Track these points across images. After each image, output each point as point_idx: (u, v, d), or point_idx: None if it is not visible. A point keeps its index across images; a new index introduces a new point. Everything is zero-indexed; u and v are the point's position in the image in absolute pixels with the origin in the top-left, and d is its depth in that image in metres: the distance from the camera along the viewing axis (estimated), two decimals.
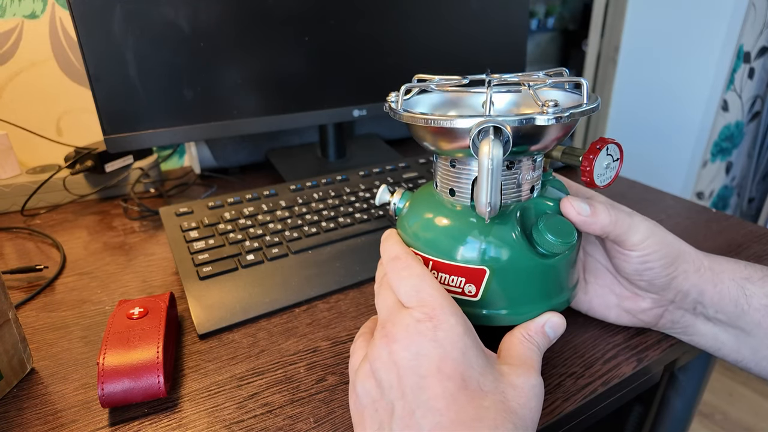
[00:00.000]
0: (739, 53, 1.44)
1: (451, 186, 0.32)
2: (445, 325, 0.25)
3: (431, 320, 0.25)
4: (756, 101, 1.61)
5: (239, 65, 0.56)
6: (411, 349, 0.25)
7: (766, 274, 0.33)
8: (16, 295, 0.45)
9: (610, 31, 1.60)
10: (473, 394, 0.23)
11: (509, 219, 0.30)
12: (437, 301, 0.26)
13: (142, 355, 0.32)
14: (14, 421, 0.32)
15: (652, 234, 0.31)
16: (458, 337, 0.25)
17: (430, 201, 0.33)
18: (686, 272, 0.32)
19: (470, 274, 0.30)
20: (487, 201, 0.26)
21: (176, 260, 0.45)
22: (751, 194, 1.74)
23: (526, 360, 0.27)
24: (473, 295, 0.31)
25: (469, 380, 0.24)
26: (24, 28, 0.65)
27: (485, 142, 0.26)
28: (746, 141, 1.68)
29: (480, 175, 0.26)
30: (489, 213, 0.27)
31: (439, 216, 0.31)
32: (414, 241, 0.32)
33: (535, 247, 0.30)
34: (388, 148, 0.76)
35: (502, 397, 0.24)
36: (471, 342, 0.25)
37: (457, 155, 0.30)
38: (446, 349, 0.24)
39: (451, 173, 0.31)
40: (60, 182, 0.63)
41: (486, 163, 0.25)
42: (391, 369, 0.25)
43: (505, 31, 0.71)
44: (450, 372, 0.24)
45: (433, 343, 0.25)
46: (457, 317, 0.26)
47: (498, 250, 0.30)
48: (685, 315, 0.34)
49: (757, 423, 1.29)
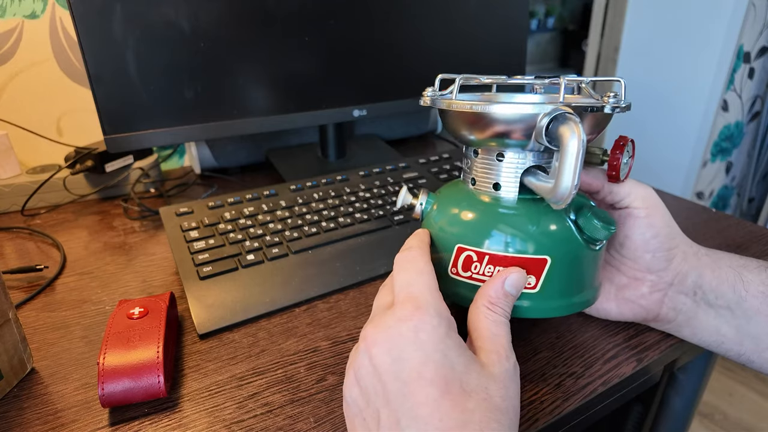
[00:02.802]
0: (739, 53, 1.44)
1: (495, 180, 0.32)
2: (428, 326, 0.25)
3: (412, 320, 0.25)
4: (756, 101, 1.61)
5: (239, 65, 0.56)
6: (392, 353, 0.24)
7: (761, 265, 0.33)
8: (16, 295, 0.45)
9: (610, 31, 1.60)
10: (456, 397, 0.23)
11: (554, 212, 0.31)
12: (424, 297, 0.26)
13: (142, 355, 0.32)
14: (14, 421, 0.32)
15: (655, 197, 0.34)
16: (440, 339, 0.24)
17: (469, 198, 0.33)
18: (685, 253, 0.34)
19: (531, 264, 0.30)
20: (573, 185, 0.26)
21: (176, 260, 0.45)
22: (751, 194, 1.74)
23: (496, 340, 0.27)
24: (532, 287, 0.30)
25: (451, 383, 0.23)
26: (24, 28, 0.65)
27: (570, 126, 0.26)
28: (746, 141, 1.68)
29: (566, 159, 0.26)
30: (569, 198, 0.26)
31: (489, 211, 0.31)
32: (461, 239, 0.31)
33: (582, 235, 0.31)
34: (388, 148, 0.76)
35: (485, 395, 0.24)
36: (453, 342, 0.25)
37: (508, 147, 0.30)
38: (427, 351, 0.24)
39: (497, 167, 0.31)
40: (60, 182, 0.63)
41: (576, 145, 0.25)
42: (373, 375, 0.25)
43: (505, 31, 0.71)
44: (431, 376, 0.23)
45: (414, 345, 0.24)
46: (441, 317, 0.25)
47: (558, 239, 0.30)
48: (687, 302, 0.34)
49: (757, 423, 1.29)
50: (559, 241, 0.30)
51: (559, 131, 0.26)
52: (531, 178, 0.30)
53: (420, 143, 0.86)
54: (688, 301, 0.34)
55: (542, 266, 0.30)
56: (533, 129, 0.28)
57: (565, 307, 0.31)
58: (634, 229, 0.34)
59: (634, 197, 0.34)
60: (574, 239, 0.31)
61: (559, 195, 0.27)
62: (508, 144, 0.30)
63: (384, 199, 0.55)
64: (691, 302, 0.34)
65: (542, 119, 0.27)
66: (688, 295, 0.34)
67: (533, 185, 0.30)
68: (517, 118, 0.28)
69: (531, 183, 0.30)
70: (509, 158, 0.31)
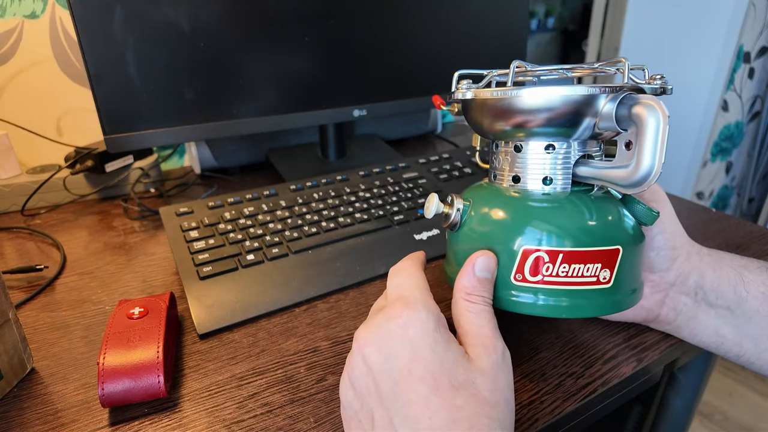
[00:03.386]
0: (739, 53, 1.44)
1: (546, 174, 0.30)
2: (416, 321, 0.25)
3: (401, 316, 0.25)
4: (756, 101, 1.61)
5: (239, 65, 0.56)
6: (383, 352, 0.25)
7: (762, 265, 0.33)
8: (16, 295, 0.45)
9: (610, 31, 1.60)
10: (445, 393, 0.23)
11: (608, 195, 0.30)
12: (413, 295, 0.26)
13: (142, 355, 0.32)
14: (14, 421, 0.32)
15: (663, 193, 0.34)
16: (427, 333, 0.25)
17: (515, 198, 0.31)
18: (688, 253, 0.34)
19: (605, 257, 0.28)
20: (660, 164, 0.25)
21: (176, 260, 0.45)
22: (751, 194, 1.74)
23: (480, 332, 0.26)
24: (607, 281, 0.29)
25: (440, 379, 0.23)
26: (24, 28, 0.65)
27: (648, 104, 0.25)
28: (746, 141, 1.68)
29: (650, 136, 0.24)
30: (654, 179, 0.25)
31: (552, 207, 0.29)
32: (525, 241, 0.29)
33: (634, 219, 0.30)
34: (388, 148, 0.76)
35: (473, 389, 0.24)
36: (441, 337, 0.25)
37: (556, 136, 0.29)
38: (416, 347, 0.24)
39: (548, 160, 0.30)
40: (60, 182, 0.63)
41: (661, 121, 0.24)
42: (367, 375, 0.25)
43: (506, 31, 0.71)
44: (421, 373, 0.23)
45: (403, 342, 0.24)
46: (429, 312, 0.26)
47: (624, 227, 0.29)
48: (688, 302, 0.34)
49: (757, 423, 1.29)
50: (625, 229, 0.29)
51: (635, 112, 0.25)
52: (586, 168, 0.29)
53: (420, 143, 0.86)
54: (689, 302, 0.34)
55: (615, 257, 0.29)
56: (585, 116, 0.27)
57: (629, 300, 0.30)
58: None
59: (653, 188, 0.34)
60: (634, 226, 0.30)
61: (642, 177, 0.25)
62: (558, 133, 0.29)
63: (384, 199, 0.55)
64: (692, 302, 0.34)
65: (606, 103, 0.26)
66: (689, 295, 0.34)
67: (594, 174, 0.28)
68: (575, 103, 0.27)
69: (589, 173, 0.29)
70: (559, 149, 0.29)
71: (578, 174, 0.30)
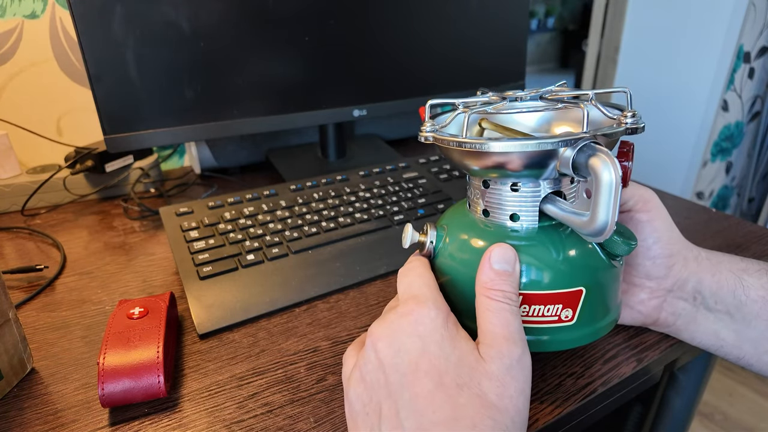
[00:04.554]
0: (739, 53, 1.44)
1: (513, 211, 0.30)
2: (426, 319, 0.25)
3: (413, 314, 0.26)
4: (756, 101, 1.61)
5: (239, 65, 0.56)
6: (393, 346, 0.25)
7: (762, 268, 0.33)
8: (16, 295, 0.45)
9: (610, 31, 1.60)
10: (449, 390, 0.23)
11: (575, 234, 0.29)
12: (423, 293, 0.27)
13: (142, 355, 0.32)
14: (14, 421, 0.32)
15: (657, 200, 0.34)
16: (436, 329, 0.25)
17: (485, 232, 0.30)
18: (686, 259, 0.34)
19: (567, 298, 0.29)
20: (613, 220, 0.24)
21: (176, 260, 0.45)
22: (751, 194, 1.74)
23: (496, 332, 0.25)
24: (569, 319, 0.29)
25: (445, 375, 0.24)
26: (24, 28, 0.65)
27: (602, 158, 0.24)
28: (746, 141, 1.68)
29: (603, 194, 0.24)
30: (608, 233, 0.25)
31: (514, 246, 0.29)
32: None
33: (603, 252, 0.30)
34: (388, 148, 0.76)
35: (478, 390, 0.24)
36: (449, 333, 0.25)
37: (523, 178, 0.29)
38: (425, 342, 0.25)
39: (514, 198, 0.29)
40: (60, 182, 0.63)
41: (612, 179, 0.24)
42: (378, 368, 0.25)
43: (505, 31, 0.71)
44: (427, 368, 0.24)
45: (414, 338, 0.25)
46: (439, 310, 0.26)
47: (589, 266, 0.29)
48: (686, 307, 0.34)
49: (757, 423, 1.29)
50: (590, 269, 0.29)
51: (590, 164, 0.25)
52: (552, 207, 0.29)
53: (420, 143, 0.86)
54: (688, 306, 0.34)
55: (578, 298, 0.29)
56: (551, 160, 0.27)
57: (597, 331, 0.30)
58: (636, 233, 0.33)
59: (637, 200, 0.33)
60: (602, 262, 0.30)
61: (597, 230, 0.25)
62: (524, 175, 0.28)
63: (384, 199, 0.55)
64: (691, 307, 0.34)
65: (566, 151, 0.26)
66: (687, 300, 0.34)
67: (558, 216, 0.28)
68: (536, 153, 0.26)
69: (554, 213, 0.29)
70: (525, 188, 0.29)
71: (546, 212, 0.29)
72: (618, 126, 0.28)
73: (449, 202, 0.56)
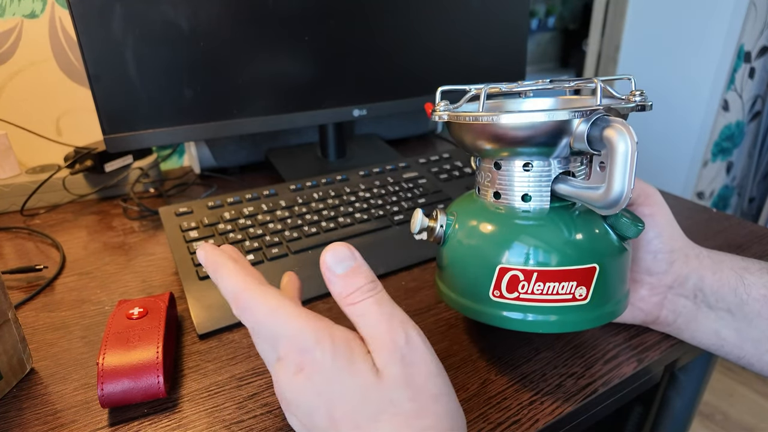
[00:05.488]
0: (739, 53, 1.44)
1: (525, 192, 0.30)
2: (314, 366, 0.23)
3: (303, 369, 0.23)
4: (756, 101, 1.61)
5: (239, 65, 0.55)
6: (302, 409, 0.23)
7: (763, 267, 0.33)
8: (15, 295, 0.45)
9: (610, 31, 1.60)
10: (368, 431, 0.22)
11: (590, 210, 0.30)
12: (301, 335, 0.23)
13: (141, 356, 0.32)
14: (14, 422, 0.32)
15: (659, 196, 0.34)
16: (329, 371, 0.22)
17: (497, 214, 0.31)
18: (687, 256, 0.34)
19: (581, 275, 0.29)
20: (630, 188, 0.25)
21: (176, 260, 0.45)
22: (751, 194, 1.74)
23: (376, 333, 0.24)
24: (584, 298, 0.29)
25: (357, 417, 0.22)
26: (23, 27, 0.65)
27: (617, 128, 0.25)
28: (747, 141, 1.68)
29: (619, 162, 0.25)
30: (624, 203, 0.25)
31: (527, 225, 0.29)
32: (502, 259, 0.29)
33: (616, 235, 0.30)
34: (388, 148, 0.76)
35: (393, 410, 0.22)
36: (342, 363, 0.22)
37: (535, 156, 0.29)
38: (326, 394, 0.23)
39: (526, 178, 0.30)
40: (59, 182, 0.63)
41: (629, 147, 0.24)
42: (303, 428, 0.24)
43: (506, 30, 0.71)
44: (340, 416, 0.22)
45: (313, 394, 0.23)
46: (322, 345, 0.23)
47: (602, 243, 0.29)
48: (687, 304, 0.34)
49: (757, 423, 1.29)
50: (603, 246, 0.29)
51: (605, 135, 0.25)
52: (564, 186, 0.29)
53: (420, 143, 0.86)
54: (689, 304, 0.34)
55: (592, 275, 0.29)
56: (563, 135, 0.27)
57: (609, 314, 0.30)
58: None
59: (639, 193, 0.34)
60: (614, 241, 0.30)
61: (612, 200, 0.25)
62: (536, 153, 0.29)
63: (384, 199, 0.55)
64: (692, 305, 0.34)
65: (580, 124, 0.26)
66: (688, 297, 0.34)
67: (571, 193, 0.29)
68: (550, 125, 0.27)
69: (567, 191, 0.29)
70: (537, 167, 0.29)
71: (558, 191, 0.30)
72: (628, 103, 0.29)
73: (449, 202, 0.56)
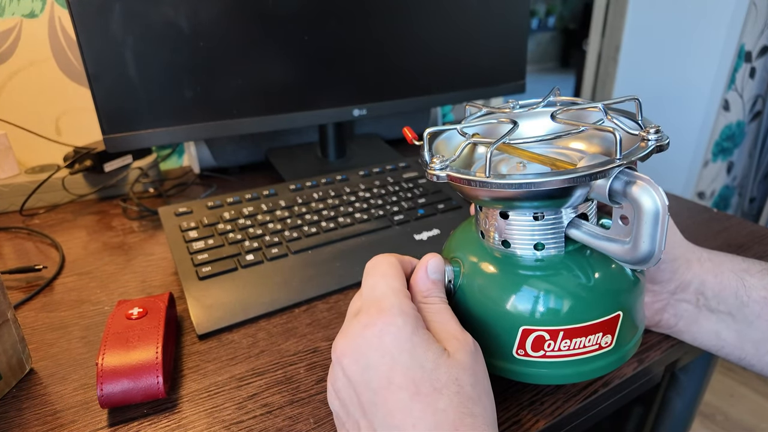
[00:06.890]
0: (740, 53, 1.44)
1: (537, 241, 0.28)
2: (392, 328, 0.24)
3: (376, 324, 0.24)
4: (757, 101, 1.61)
5: (239, 65, 0.55)
6: (360, 362, 0.24)
7: (763, 268, 0.33)
8: (15, 295, 0.45)
9: (611, 31, 1.60)
10: (427, 398, 0.23)
11: (599, 254, 0.28)
12: (387, 299, 0.26)
13: (141, 356, 0.32)
14: (14, 422, 0.31)
15: None
16: (405, 339, 0.24)
17: (506, 266, 0.29)
18: (689, 261, 0.33)
19: (606, 325, 0.28)
20: (661, 251, 0.23)
21: (175, 260, 0.45)
22: (752, 194, 1.74)
23: (448, 328, 0.26)
24: (609, 345, 0.28)
25: (421, 383, 0.23)
26: (23, 27, 0.64)
27: (646, 189, 0.23)
28: (747, 141, 1.68)
29: (644, 221, 0.23)
30: (655, 263, 0.24)
31: (544, 280, 0.28)
32: (524, 320, 0.28)
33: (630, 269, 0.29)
34: (388, 147, 0.75)
35: (457, 387, 0.23)
36: (419, 339, 0.24)
37: (544, 209, 0.27)
38: (394, 355, 0.23)
39: (538, 227, 0.28)
40: (59, 182, 0.63)
41: (660, 210, 0.23)
42: (348, 386, 0.25)
43: (506, 30, 0.71)
44: (401, 381, 0.23)
45: (380, 351, 0.24)
46: (405, 316, 0.25)
47: (624, 288, 0.28)
48: (689, 308, 0.34)
49: (758, 424, 1.29)
50: (623, 290, 0.28)
51: (631, 193, 0.23)
52: (578, 232, 0.27)
53: None
54: (690, 308, 0.34)
55: (616, 323, 0.28)
56: (578, 189, 0.25)
57: (633, 347, 0.30)
58: None
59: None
60: (631, 280, 0.29)
61: (641, 260, 0.24)
62: (549, 205, 0.27)
63: (384, 199, 0.55)
64: (693, 308, 0.34)
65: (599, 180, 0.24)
66: (690, 302, 0.34)
67: (588, 242, 0.27)
68: (568, 187, 0.24)
69: (582, 238, 0.27)
70: (550, 217, 0.28)
71: (571, 236, 0.28)
72: (645, 146, 0.26)
73: (449, 202, 0.56)
